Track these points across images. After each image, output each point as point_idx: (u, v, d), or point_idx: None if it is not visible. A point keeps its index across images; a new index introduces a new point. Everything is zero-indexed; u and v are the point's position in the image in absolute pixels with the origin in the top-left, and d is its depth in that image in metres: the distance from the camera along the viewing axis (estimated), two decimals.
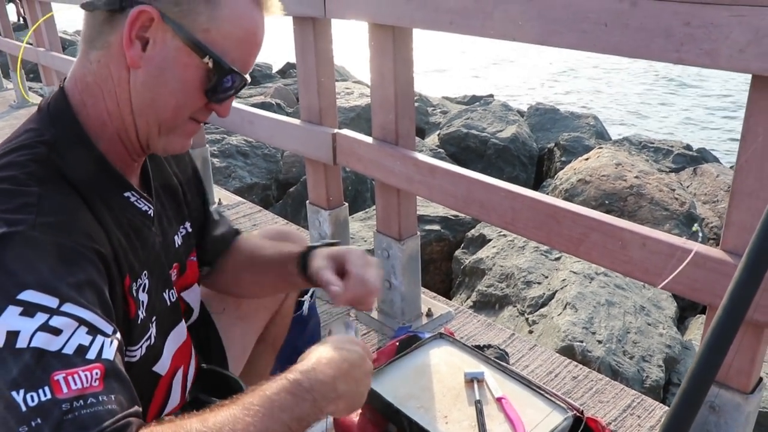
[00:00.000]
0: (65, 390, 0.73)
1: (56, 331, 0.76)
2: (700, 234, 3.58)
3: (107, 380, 0.77)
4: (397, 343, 1.80)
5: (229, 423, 0.79)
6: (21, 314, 0.75)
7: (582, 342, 2.76)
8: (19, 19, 14.08)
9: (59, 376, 0.73)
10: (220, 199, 3.68)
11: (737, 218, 1.38)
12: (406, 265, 2.28)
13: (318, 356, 0.94)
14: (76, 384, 0.74)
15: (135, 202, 1.07)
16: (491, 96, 9.59)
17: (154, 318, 1.13)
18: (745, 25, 1.23)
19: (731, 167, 6.25)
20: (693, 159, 6.18)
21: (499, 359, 1.85)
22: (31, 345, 0.74)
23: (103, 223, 0.95)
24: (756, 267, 0.83)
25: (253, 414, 0.80)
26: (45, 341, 0.75)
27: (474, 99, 9.28)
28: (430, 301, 2.53)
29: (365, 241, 3.95)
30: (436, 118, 7.58)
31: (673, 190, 4.59)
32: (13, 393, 0.72)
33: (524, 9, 1.57)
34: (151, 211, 1.11)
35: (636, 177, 4.62)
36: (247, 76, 1.05)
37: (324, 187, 2.47)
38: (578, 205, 1.69)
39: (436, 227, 4.26)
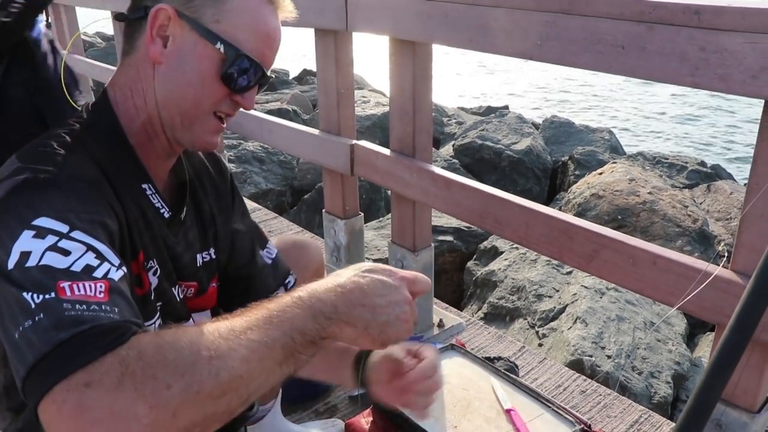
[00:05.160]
0: (68, 294, 0.77)
1: (65, 252, 0.82)
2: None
3: (112, 295, 0.80)
4: None
5: (227, 326, 0.80)
6: (33, 237, 0.82)
7: (591, 356, 2.78)
8: None
9: (65, 284, 0.78)
10: None
11: (747, 240, 1.40)
12: None
13: (329, 279, 0.92)
14: (79, 291, 0.78)
15: (150, 196, 1.13)
16: (506, 108, 9.62)
17: (159, 304, 1.18)
18: (759, 52, 1.26)
19: (745, 185, 6.23)
20: (707, 175, 6.18)
21: (509, 371, 1.88)
22: (41, 263, 0.80)
23: (120, 199, 1.03)
24: (764, 288, 0.86)
25: (253, 320, 0.82)
26: (53, 259, 0.81)
27: (489, 110, 9.31)
28: (442, 312, 2.56)
29: (378, 250, 3.98)
30: (451, 128, 7.61)
31: (686, 206, 4.60)
32: (24, 293, 0.77)
33: (543, 29, 1.60)
34: (165, 212, 1.17)
35: (649, 193, 4.64)
36: (270, 74, 1.13)
37: (340, 196, 2.51)
38: (591, 220, 1.71)
39: (449, 238, 4.29)
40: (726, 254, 1.46)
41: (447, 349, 1.87)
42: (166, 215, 1.17)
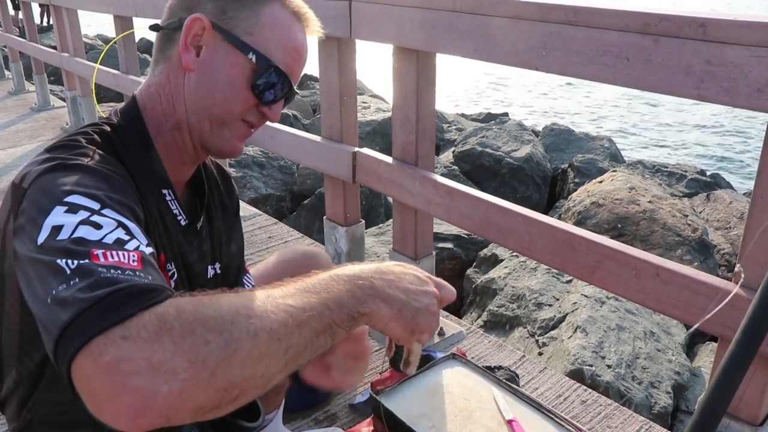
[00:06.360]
0: (102, 260, 0.77)
1: (97, 226, 0.83)
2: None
3: (145, 264, 0.80)
4: None
5: (264, 293, 0.79)
6: (65, 212, 0.83)
7: (591, 366, 2.77)
8: (42, 21, 14.30)
9: (98, 252, 0.78)
10: None
11: (752, 252, 1.40)
12: None
13: (363, 263, 0.93)
14: (113, 258, 0.78)
15: (169, 202, 1.16)
16: (506, 114, 9.63)
17: None
18: (765, 66, 1.26)
19: (744, 194, 6.25)
20: (706, 184, 6.19)
21: (509, 381, 1.88)
22: (74, 235, 0.80)
23: (144, 198, 1.07)
24: None
25: (290, 289, 0.81)
26: (86, 232, 0.81)
27: (489, 117, 9.33)
28: (442, 320, 2.56)
29: (378, 256, 3.98)
30: (451, 134, 7.62)
31: (686, 215, 4.60)
32: (58, 260, 0.77)
33: (547, 40, 1.60)
34: (181, 219, 1.19)
35: (649, 201, 4.64)
36: (295, 89, 1.17)
37: (342, 203, 2.50)
38: (590, 228, 1.71)
39: (449, 245, 4.28)
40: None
41: (448, 359, 1.87)
42: (183, 222, 1.20)
